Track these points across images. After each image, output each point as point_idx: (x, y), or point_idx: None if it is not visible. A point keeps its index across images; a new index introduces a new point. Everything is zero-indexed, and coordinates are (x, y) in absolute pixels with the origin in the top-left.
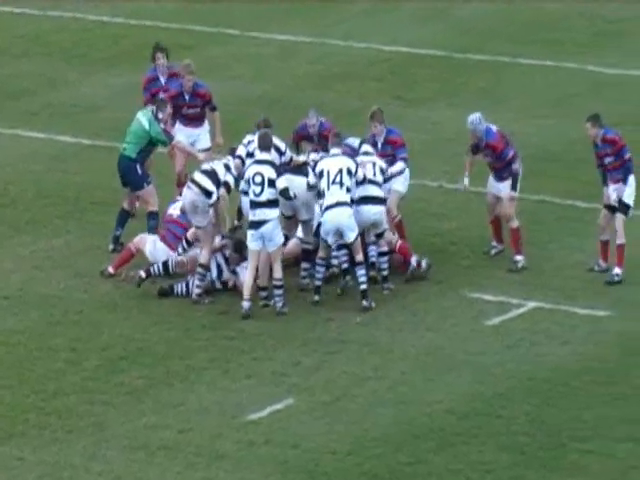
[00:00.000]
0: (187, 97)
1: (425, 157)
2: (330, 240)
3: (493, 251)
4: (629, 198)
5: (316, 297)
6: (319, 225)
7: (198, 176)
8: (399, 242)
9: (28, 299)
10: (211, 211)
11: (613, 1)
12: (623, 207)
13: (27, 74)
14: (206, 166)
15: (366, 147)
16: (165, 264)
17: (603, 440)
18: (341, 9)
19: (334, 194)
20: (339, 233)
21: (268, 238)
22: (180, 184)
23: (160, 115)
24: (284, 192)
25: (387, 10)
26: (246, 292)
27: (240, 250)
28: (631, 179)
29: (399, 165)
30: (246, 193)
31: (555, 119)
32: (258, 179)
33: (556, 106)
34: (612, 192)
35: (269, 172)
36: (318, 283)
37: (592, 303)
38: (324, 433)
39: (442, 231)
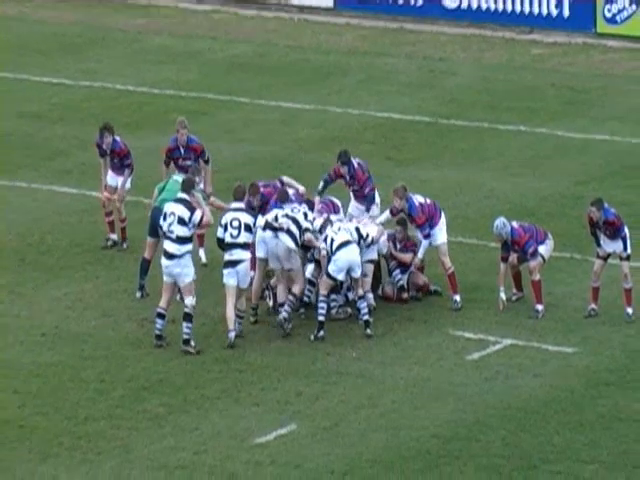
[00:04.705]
0: (182, 150)
1: None
2: (340, 277)
3: (514, 297)
4: (630, 248)
5: (321, 333)
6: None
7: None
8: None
9: (62, 336)
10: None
11: (581, 74)
12: (627, 256)
13: (62, 137)
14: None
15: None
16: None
17: (571, 462)
18: (339, 80)
19: (343, 235)
20: (348, 270)
21: (242, 275)
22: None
23: (197, 179)
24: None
25: (380, 81)
26: (230, 324)
27: None
28: (625, 234)
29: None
30: (222, 240)
31: (528, 178)
32: (235, 223)
33: (529, 166)
34: (608, 246)
35: (245, 218)
36: (322, 319)
37: (561, 341)
38: (324, 455)
39: (428, 276)
